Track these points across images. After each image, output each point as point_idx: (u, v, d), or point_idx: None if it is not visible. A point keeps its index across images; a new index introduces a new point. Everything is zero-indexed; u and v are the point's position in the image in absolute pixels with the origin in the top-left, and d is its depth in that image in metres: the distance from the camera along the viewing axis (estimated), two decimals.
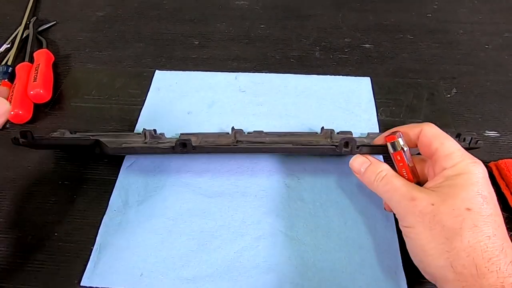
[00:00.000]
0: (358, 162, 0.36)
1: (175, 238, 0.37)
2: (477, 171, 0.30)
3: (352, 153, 0.37)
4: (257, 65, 0.55)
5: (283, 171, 0.42)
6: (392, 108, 0.49)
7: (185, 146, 0.37)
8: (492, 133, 0.47)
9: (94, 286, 0.34)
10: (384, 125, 0.47)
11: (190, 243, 0.37)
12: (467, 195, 0.29)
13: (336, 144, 0.37)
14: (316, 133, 0.44)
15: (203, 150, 0.39)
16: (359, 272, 0.35)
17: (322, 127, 0.44)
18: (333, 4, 0.66)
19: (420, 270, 0.31)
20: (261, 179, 0.42)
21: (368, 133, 0.44)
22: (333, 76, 0.53)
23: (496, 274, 0.26)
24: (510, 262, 0.27)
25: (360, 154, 0.37)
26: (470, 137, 0.39)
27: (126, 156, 0.44)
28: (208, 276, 0.35)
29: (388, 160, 0.36)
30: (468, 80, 0.53)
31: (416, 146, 0.35)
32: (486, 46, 0.58)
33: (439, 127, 0.46)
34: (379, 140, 0.38)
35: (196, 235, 0.38)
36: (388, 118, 0.48)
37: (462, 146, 0.32)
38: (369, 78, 0.53)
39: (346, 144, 0.37)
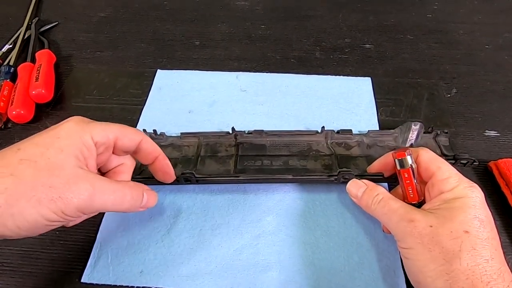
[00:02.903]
0: (355, 186, 0.36)
1: (175, 236, 0.38)
2: (474, 195, 0.31)
3: None
4: (257, 65, 0.55)
5: None
6: (392, 108, 0.49)
7: (189, 180, 0.38)
8: (492, 133, 0.47)
9: (94, 283, 0.35)
10: (384, 125, 0.47)
11: (190, 241, 0.37)
12: (464, 218, 0.29)
13: (335, 175, 0.38)
14: (317, 132, 0.44)
15: (206, 182, 0.39)
16: (357, 271, 0.35)
17: (323, 127, 0.44)
18: (334, 5, 0.66)
19: None
20: None
21: (368, 130, 0.44)
22: (333, 76, 0.53)
23: None
24: (508, 286, 0.27)
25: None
26: (466, 161, 0.40)
27: None
28: (208, 273, 0.35)
29: (393, 184, 0.35)
30: (468, 80, 0.53)
31: None
32: (486, 46, 0.58)
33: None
34: (375, 166, 0.39)
35: (196, 233, 0.38)
36: (388, 118, 0.48)
37: (459, 166, 0.32)
38: (369, 78, 0.53)
39: (346, 178, 0.38)
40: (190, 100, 0.50)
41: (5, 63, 0.54)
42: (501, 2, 0.67)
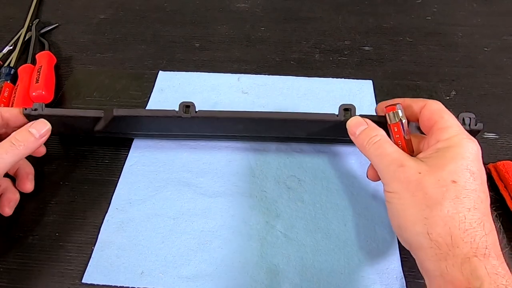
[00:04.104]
0: (355, 123, 0.35)
1: (175, 237, 0.38)
2: (469, 146, 0.30)
3: None
4: (257, 67, 0.55)
5: (284, 172, 0.43)
6: None
7: (188, 107, 0.38)
8: (491, 135, 0.47)
9: (95, 283, 0.35)
10: None
11: (191, 242, 0.37)
12: (455, 168, 0.29)
13: (336, 114, 0.37)
14: None
15: (206, 114, 0.39)
16: (357, 274, 0.35)
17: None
18: (333, 7, 0.67)
19: (398, 236, 0.31)
20: (262, 180, 0.42)
21: None
22: (335, 78, 0.53)
23: (470, 245, 0.26)
24: (486, 234, 0.27)
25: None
26: (469, 118, 0.37)
27: (128, 156, 0.44)
28: (208, 275, 0.35)
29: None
30: (467, 83, 0.53)
31: (418, 120, 0.35)
32: (485, 49, 0.58)
33: None
34: (379, 108, 0.38)
35: (197, 234, 0.38)
36: None
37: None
38: (371, 81, 0.53)
39: (347, 110, 0.37)
40: (192, 101, 0.50)
41: (6, 64, 0.54)
42: (500, 5, 0.67)
